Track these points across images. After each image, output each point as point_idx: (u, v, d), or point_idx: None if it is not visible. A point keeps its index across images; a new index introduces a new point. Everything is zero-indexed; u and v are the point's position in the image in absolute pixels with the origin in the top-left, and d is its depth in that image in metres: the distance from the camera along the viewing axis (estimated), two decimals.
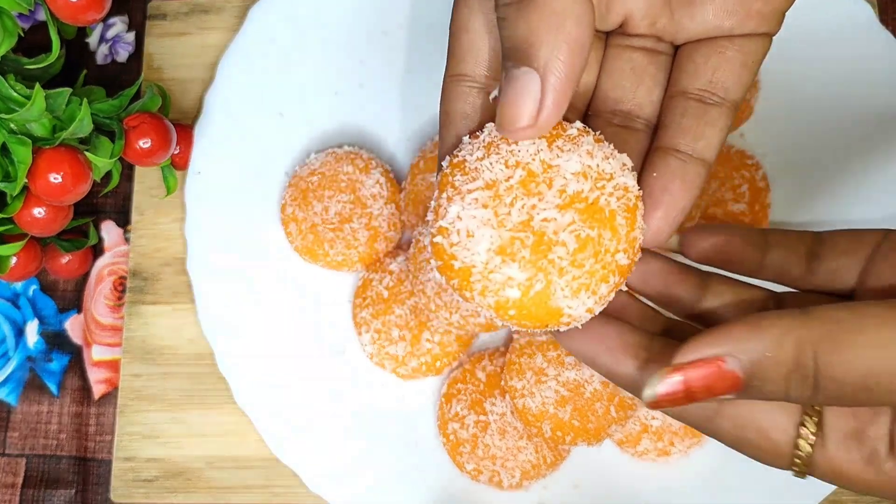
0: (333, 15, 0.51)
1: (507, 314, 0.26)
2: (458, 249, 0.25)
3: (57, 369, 0.50)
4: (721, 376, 0.24)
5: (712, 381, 0.24)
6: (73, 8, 0.42)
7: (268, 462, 0.47)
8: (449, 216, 0.25)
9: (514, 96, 0.24)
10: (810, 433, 0.26)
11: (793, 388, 0.24)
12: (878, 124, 0.48)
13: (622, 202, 0.26)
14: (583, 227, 0.25)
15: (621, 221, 0.26)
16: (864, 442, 0.26)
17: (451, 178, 0.26)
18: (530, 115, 0.24)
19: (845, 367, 0.23)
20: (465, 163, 0.26)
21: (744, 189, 0.46)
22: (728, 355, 0.24)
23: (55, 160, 0.42)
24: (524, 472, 0.44)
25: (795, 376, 0.24)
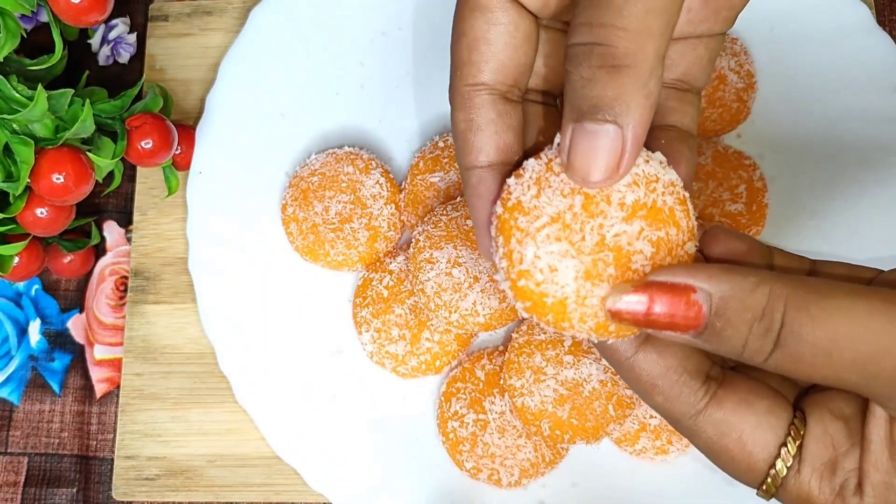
0: (334, 16, 0.52)
1: (607, 332, 0.26)
2: (546, 287, 0.26)
3: (59, 368, 0.51)
4: (687, 305, 0.24)
5: (676, 309, 0.24)
6: (75, 9, 0.43)
7: (269, 460, 0.47)
8: (527, 258, 0.26)
9: (596, 150, 0.25)
10: (790, 455, 0.26)
11: (753, 338, 0.24)
12: (875, 125, 0.48)
13: (675, 197, 0.27)
14: (651, 231, 0.26)
15: (680, 215, 0.27)
16: (836, 473, 0.26)
17: (514, 221, 0.27)
18: (612, 168, 0.25)
19: (812, 325, 0.23)
20: (522, 203, 0.27)
21: (741, 189, 0.46)
22: (699, 288, 0.24)
23: (57, 160, 0.42)
24: (523, 471, 0.44)
25: (759, 326, 0.24)
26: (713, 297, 0.24)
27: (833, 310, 0.23)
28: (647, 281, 0.25)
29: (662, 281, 0.25)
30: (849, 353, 0.23)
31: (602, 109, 0.24)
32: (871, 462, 0.26)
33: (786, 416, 0.27)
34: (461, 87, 0.29)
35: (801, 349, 0.24)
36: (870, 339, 0.23)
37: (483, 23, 0.28)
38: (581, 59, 0.25)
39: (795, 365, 0.24)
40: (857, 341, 0.23)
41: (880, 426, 0.26)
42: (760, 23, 0.50)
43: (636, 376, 0.28)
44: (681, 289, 0.24)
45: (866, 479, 0.26)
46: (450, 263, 0.43)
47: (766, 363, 0.25)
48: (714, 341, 0.25)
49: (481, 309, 0.43)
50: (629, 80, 0.24)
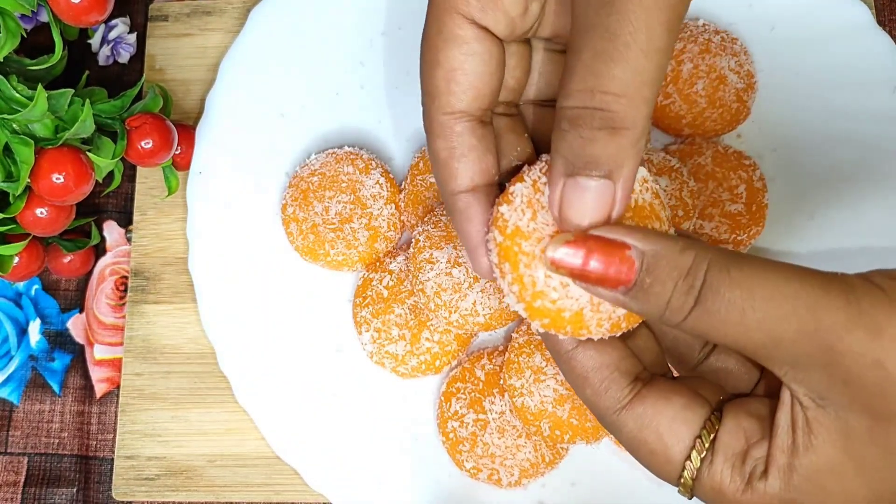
0: (334, 16, 0.52)
1: (621, 328, 0.28)
2: (563, 302, 0.27)
3: (59, 368, 0.51)
4: (620, 260, 0.26)
5: (610, 263, 0.26)
6: (75, 9, 0.43)
7: (268, 460, 0.47)
8: (539, 280, 0.27)
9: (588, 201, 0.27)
10: (704, 447, 0.28)
11: (676, 294, 0.26)
12: (875, 125, 0.48)
13: (651, 192, 0.29)
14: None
15: (658, 208, 0.29)
16: (746, 462, 0.27)
17: (517, 247, 0.28)
18: (602, 219, 0.27)
19: (730, 283, 0.25)
20: (520, 228, 0.28)
21: (741, 190, 0.46)
22: (633, 245, 0.26)
23: (57, 160, 0.42)
24: (523, 471, 0.44)
25: (683, 284, 0.25)
26: (645, 255, 0.26)
27: (751, 271, 0.25)
28: (586, 234, 0.27)
29: (600, 235, 0.26)
30: (760, 312, 0.25)
31: (597, 166, 0.26)
32: (776, 446, 0.27)
33: (702, 412, 0.28)
34: (438, 116, 0.30)
35: (718, 306, 0.25)
36: (780, 300, 0.25)
37: (458, 53, 0.30)
38: (583, 121, 0.26)
39: (710, 323, 0.25)
40: (769, 303, 0.25)
41: (786, 412, 0.27)
42: (760, 23, 0.50)
43: (571, 368, 0.29)
44: (617, 244, 0.26)
45: (772, 463, 0.27)
46: (450, 263, 0.43)
47: (684, 323, 0.26)
48: (641, 298, 0.26)
49: (481, 309, 0.43)
50: (627, 141, 0.26)
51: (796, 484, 0.26)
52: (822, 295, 0.25)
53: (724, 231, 0.46)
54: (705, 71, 0.47)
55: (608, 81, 0.26)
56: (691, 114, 0.48)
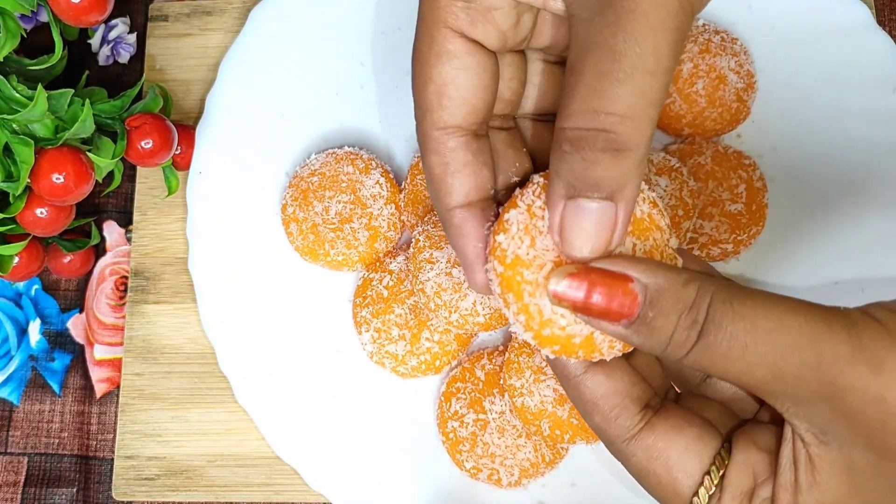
0: (334, 16, 0.52)
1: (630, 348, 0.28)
2: (572, 328, 0.27)
3: (59, 368, 0.51)
4: (623, 292, 0.25)
5: (613, 296, 0.25)
6: (75, 9, 0.43)
7: (269, 460, 0.47)
8: (545, 309, 0.27)
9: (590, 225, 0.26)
10: (713, 484, 0.27)
11: (679, 329, 0.25)
12: (875, 125, 0.48)
13: (648, 203, 0.28)
14: (642, 243, 0.28)
15: (657, 217, 0.28)
16: (753, 501, 0.27)
17: (520, 276, 0.27)
18: (606, 242, 0.26)
19: (733, 317, 0.25)
20: (520, 257, 0.27)
21: (741, 189, 0.46)
22: (636, 278, 0.26)
23: (57, 160, 0.42)
24: (523, 471, 0.44)
25: (687, 318, 0.25)
26: (648, 288, 0.25)
27: (754, 305, 0.25)
28: (589, 267, 0.26)
29: (603, 268, 0.26)
30: (763, 346, 0.25)
31: (599, 189, 0.26)
32: (780, 484, 0.27)
33: (713, 445, 0.28)
34: (432, 131, 0.30)
35: (721, 340, 0.25)
36: (783, 335, 0.24)
37: (450, 68, 0.29)
38: (586, 143, 0.26)
39: (713, 358, 0.25)
40: (772, 336, 0.24)
41: (788, 450, 0.27)
42: (760, 22, 0.50)
43: (580, 394, 0.29)
44: (619, 277, 0.26)
45: (777, 502, 0.27)
46: (450, 263, 0.43)
47: (686, 358, 0.26)
48: (643, 332, 0.26)
49: (481, 309, 0.43)
50: (630, 162, 0.25)
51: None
52: (824, 330, 0.25)
53: (724, 231, 0.46)
54: (705, 71, 0.47)
55: (613, 103, 0.25)
56: (691, 113, 0.48)
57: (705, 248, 0.46)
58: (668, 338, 0.26)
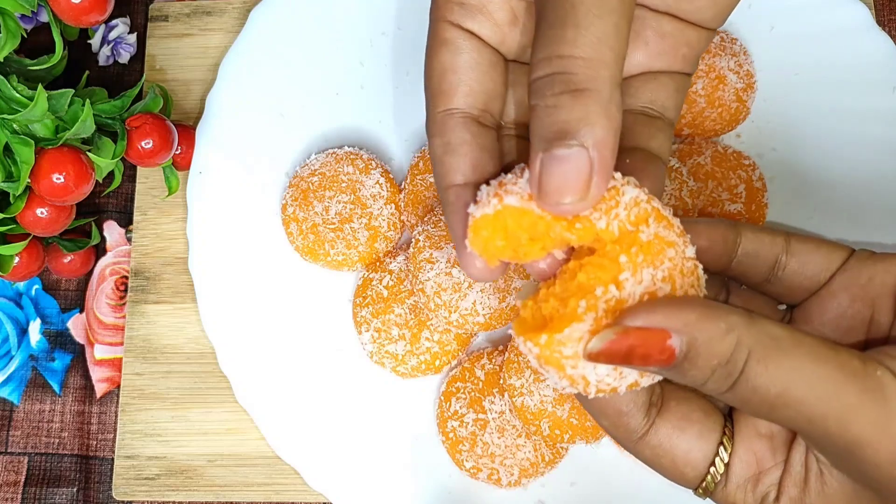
0: (334, 16, 0.52)
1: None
2: (618, 382, 0.27)
3: (59, 368, 0.51)
4: (661, 349, 0.25)
5: (652, 351, 0.25)
6: (75, 9, 0.43)
7: (269, 460, 0.47)
8: (591, 377, 0.27)
9: (564, 174, 0.26)
10: (718, 473, 0.29)
11: (713, 379, 0.26)
12: (875, 125, 0.48)
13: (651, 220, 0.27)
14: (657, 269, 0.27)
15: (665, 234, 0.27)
16: (758, 486, 0.29)
17: (558, 354, 0.27)
18: (582, 192, 0.26)
19: (766, 379, 0.26)
20: (555, 336, 0.27)
21: (740, 189, 0.46)
22: (674, 332, 0.25)
23: (58, 160, 0.42)
24: (523, 470, 0.44)
25: (721, 371, 0.26)
26: (684, 343, 0.26)
27: (790, 368, 0.26)
28: (626, 328, 0.26)
29: (640, 326, 0.26)
30: (792, 410, 0.26)
31: (568, 134, 0.25)
32: (790, 479, 0.29)
33: (714, 438, 0.30)
34: (435, 114, 0.31)
35: (751, 396, 0.26)
36: (813, 402, 0.26)
37: (448, 54, 0.31)
38: (544, 89, 0.26)
39: (742, 405, 0.27)
40: (802, 402, 0.26)
41: (801, 452, 0.29)
42: (760, 22, 0.50)
43: (589, 403, 0.30)
44: (657, 333, 0.25)
45: (784, 494, 0.29)
46: (450, 263, 0.43)
47: (715, 397, 0.27)
48: (678, 377, 0.27)
49: (481, 309, 0.43)
50: (591, 101, 0.26)
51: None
52: (855, 403, 0.26)
53: None
54: (705, 71, 0.47)
55: (563, 45, 0.26)
56: (691, 113, 0.48)
57: None
58: (701, 384, 0.27)
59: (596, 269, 0.27)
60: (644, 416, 0.30)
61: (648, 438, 0.30)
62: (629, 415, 0.30)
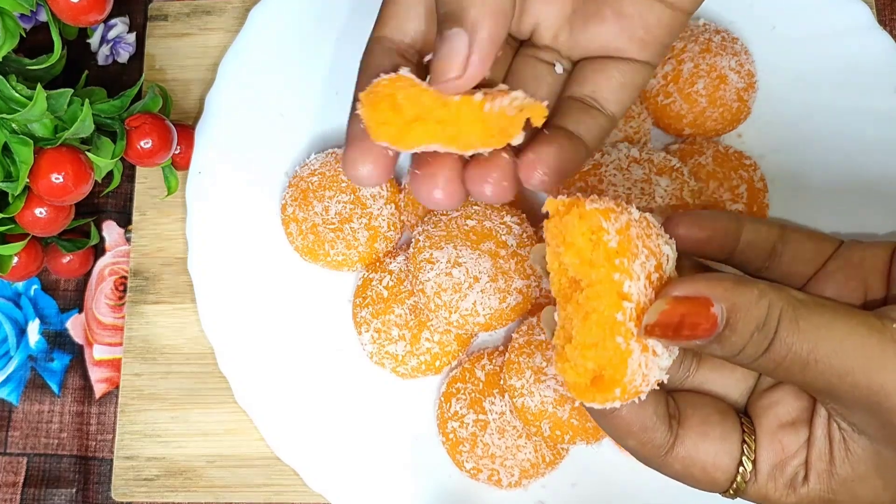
0: (334, 16, 0.52)
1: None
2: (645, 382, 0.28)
3: (58, 368, 0.51)
4: (706, 316, 0.27)
5: (698, 318, 0.27)
6: (74, 9, 0.43)
7: (268, 461, 0.47)
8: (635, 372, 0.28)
9: (447, 52, 0.29)
10: (748, 471, 0.30)
11: (751, 343, 0.27)
12: (876, 125, 0.48)
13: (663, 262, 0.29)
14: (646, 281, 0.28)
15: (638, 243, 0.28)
16: (786, 470, 0.30)
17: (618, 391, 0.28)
18: (459, 68, 0.29)
19: (798, 336, 0.27)
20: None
21: (742, 190, 0.46)
22: (715, 299, 0.27)
23: (57, 160, 0.42)
24: (523, 471, 0.44)
25: (758, 335, 0.27)
26: (724, 310, 0.27)
27: (819, 324, 0.27)
28: (674, 296, 0.27)
29: (685, 295, 0.27)
30: (822, 364, 0.27)
31: (452, 15, 0.29)
32: (815, 454, 0.30)
33: (737, 436, 0.31)
34: (370, 38, 0.33)
35: (784, 355, 0.27)
36: (841, 358, 0.27)
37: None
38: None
39: (775, 367, 0.28)
40: (832, 355, 0.27)
41: (822, 425, 0.30)
42: (761, 22, 0.50)
43: (614, 424, 0.31)
44: (702, 301, 0.27)
45: (812, 469, 0.30)
46: (450, 263, 0.43)
47: (751, 365, 0.28)
48: (717, 347, 0.28)
49: (481, 309, 0.43)
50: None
51: (834, 487, 0.30)
52: (879, 354, 0.27)
53: None
54: (706, 70, 0.47)
55: None
56: (692, 113, 0.47)
57: None
58: (739, 350, 0.28)
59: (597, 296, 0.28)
60: (667, 429, 0.30)
61: (676, 451, 0.30)
62: (654, 429, 0.30)
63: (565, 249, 0.28)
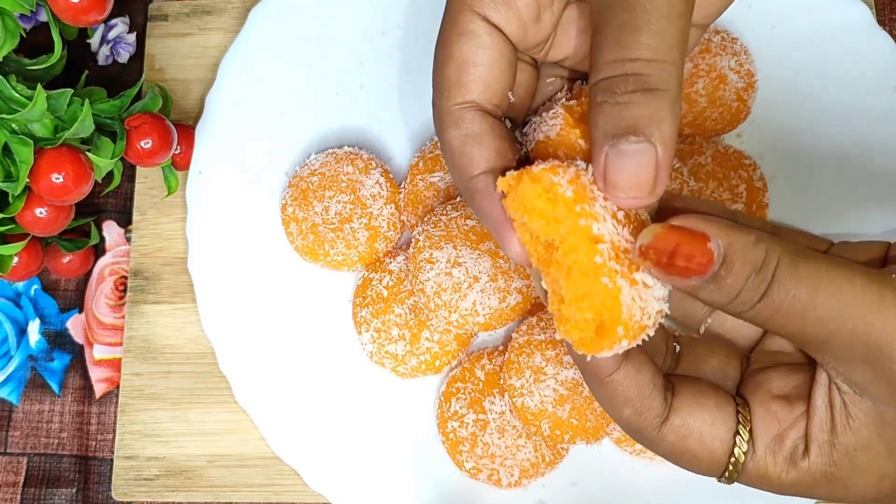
0: (333, 16, 0.52)
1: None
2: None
3: (58, 368, 0.51)
4: (702, 250, 0.27)
5: (694, 251, 0.27)
6: (74, 9, 0.43)
7: (268, 460, 0.47)
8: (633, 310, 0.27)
9: (634, 166, 0.27)
10: (745, 441, 0.29)
11: (748, 287, 0.27)
12: (875, 125, 0.48)
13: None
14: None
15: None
16: (784, 443, 0.29)
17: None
18: (650, 185, 0.27)
19: (797, 281, 0.27)
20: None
21: (741, 189, 0.46)
22: (713, 237, 0.27)
23: (57, 160, 0.42)
24: (523, 471, 0.44)
25: (756, 278, 0.27)
26: (721, 247, 0.27)
27: (818, 270, 0.27)
28: (671, 224, 0.27)
29: (683, 226, 0.27)
30: (821, 310, 0.27)
31: (638, 130, 0.26)
32: (815, 425, 0.29)
33: (732, 408, 0.30)
34: (450, 106, 0.31)
35: (783, 301, 0.27)
36: (841, 302, 0.26)
37: (471, 47, 0.30)
38: (615, 87, 0.27)
39: (773, 315, 0.27)
40: (831, 300, 0.26)
41: (823, 393, 0.29)
42: (761, 22, 0.50)
43: (612, 391, 0.30)
44: (698, 235, 0.27)
45: (812, 441, 0.29)
46: (450, 263, 0.43)
47: (747, 313, 0.28)
48: (713, 289, 0.27)
49: (481, 309, 0.43)
50: (664, 101, 0.27)
51: (836, 459, 0.29)
52: (877, 301, 0.26)
53: None
54: (705, 70, 0.47)
55: (636, 49, 0.27)
56: (691, 113, 0.48)
57: None
58: (736, 294, 0.27)
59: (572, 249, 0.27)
60: (663, 398, 0.30)
61: (671, 420, 0.30)
62: (651, 396, 0.30)
63: (529, 217, 0.28)
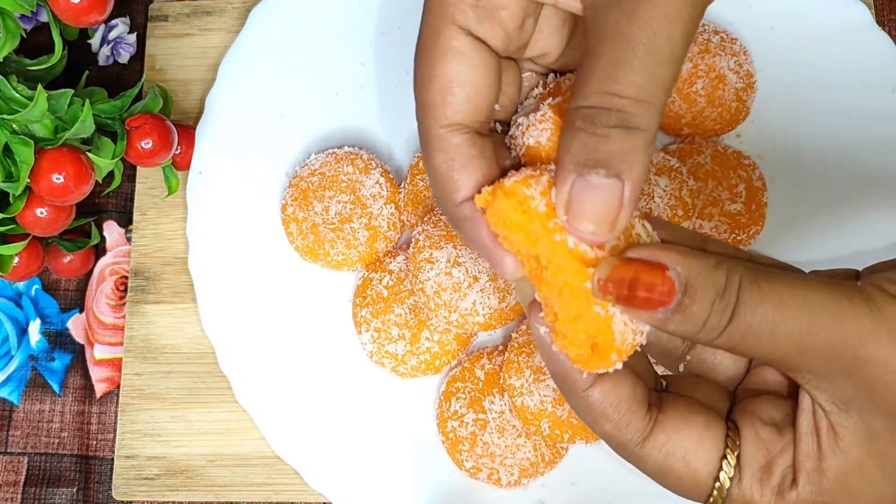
0: (333, 16, 0.52)
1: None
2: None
3: (59, 368, 0.51)
4: (662, 280, 0.26)
5: (654, 281, 0.26)
6: (75, 9, 0.43)
7: (269, 460, 0.47)
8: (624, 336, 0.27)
9: (598, 200, 0.26)
10: (731, 466, 0.28)
11: (714, 313, 0.26)
12: (874, 124, 0.48)
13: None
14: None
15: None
16: (773, 473, 0.28)
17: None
18: (610, 221, 0.26)
19: (761, 298, 0.26)
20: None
21: (741, 189, 0.46)
22: (671, 266, 0.26)
23: (57, 161, 0.42)
24: (523, 470, 0.44)
25: (720, 303, 0.26)
26: (681, 276, 0.26)
27: (780, 285, 0.26)
28: (627, 257, 0.26)
29: (641, 258, 0.26)
30: (791, 323, 0.26)
31: (610, 165, 0.26)
32: (802, 453, 0.28)
33: (721, 430, 0.29)
34: (435, 129, 0.29)
35: (751, 321, 0.26)
36: (808, 313, 0.26)
37: (455, 65, 0.29)
38: (599, 118, 0.26)
39: (742, 337, 0.26)
40: (798, 314, 0.26)
41: (807, 418, 0.28)
42: (760, 22, 0.50)
43: (589, 406, 0.29)
44: (656, 265, 0.26)
45: (800, 470, 0.28)
46: (449, 263, 0.43)
47: (717, 340, 0.27)
48: (679, 319, 0.27)
49: (481, 308, 0.43)
50: (640, 142, 0.26)
51: (826, 487, 0.27)
52: (846, 306, 0.26)
53: (724, 230, 0.46)
54: (705, 70, 0.47)
55: (627, 87, 0.26)
56: (691, 113, 0.48)
57: None
58: (703, 323, 0.26)
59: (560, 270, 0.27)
60: (646, 414, 0.29)
61: (655, 436, 0.29)
62: (631, 410, 0.28)
63: (508, 231, 0.27)
